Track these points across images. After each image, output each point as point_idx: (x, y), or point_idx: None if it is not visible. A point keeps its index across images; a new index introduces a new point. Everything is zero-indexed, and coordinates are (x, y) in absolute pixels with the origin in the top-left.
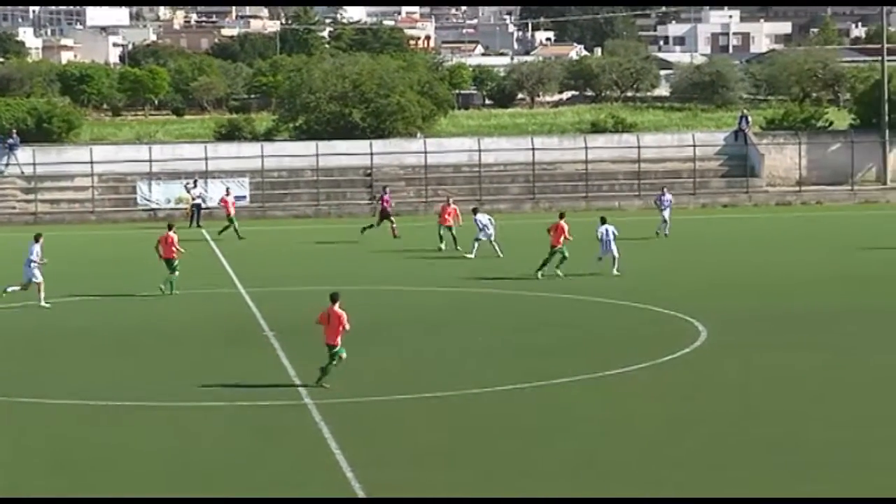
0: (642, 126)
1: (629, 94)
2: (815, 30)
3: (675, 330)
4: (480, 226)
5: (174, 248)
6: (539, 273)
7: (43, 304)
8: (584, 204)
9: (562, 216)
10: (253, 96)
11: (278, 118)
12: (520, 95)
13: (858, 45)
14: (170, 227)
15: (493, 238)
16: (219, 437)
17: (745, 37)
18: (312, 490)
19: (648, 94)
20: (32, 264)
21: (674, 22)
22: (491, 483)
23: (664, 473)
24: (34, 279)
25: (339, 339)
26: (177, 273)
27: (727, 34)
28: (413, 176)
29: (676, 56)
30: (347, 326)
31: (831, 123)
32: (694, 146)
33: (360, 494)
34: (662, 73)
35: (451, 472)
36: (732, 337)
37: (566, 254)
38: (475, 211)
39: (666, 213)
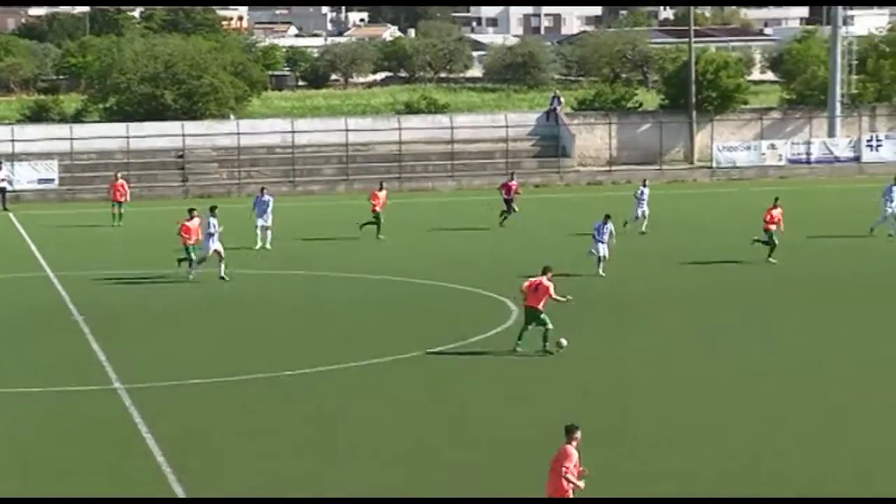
0: (456, 107)
1: (442, 74)
2: (625, 12)
3: (488, 309)
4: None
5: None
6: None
7: (224, 275)
8: (397, 185)
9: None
10: (62, 77)
11: (88, 99)
12: (333, 76)
13: (667, 27)
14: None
15: (267, 224)
16: (28, 422)
17: (557, 18)
18: (124, 475)
19: (462, 75)
20: (211, 237)
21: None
22: (294, 467)
23: (470, 453)
24: (215, 250)
25: (541, 306)
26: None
27: (539, 16)
28: (226, 157)
29: (489, 37)
30: (554, 295)
31: (641, 104)
32: (507, 127)
33: (172, 479)
34: (475, 54)
35: (261, 454)
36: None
37: (775, 240)
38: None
39: (889, 210)
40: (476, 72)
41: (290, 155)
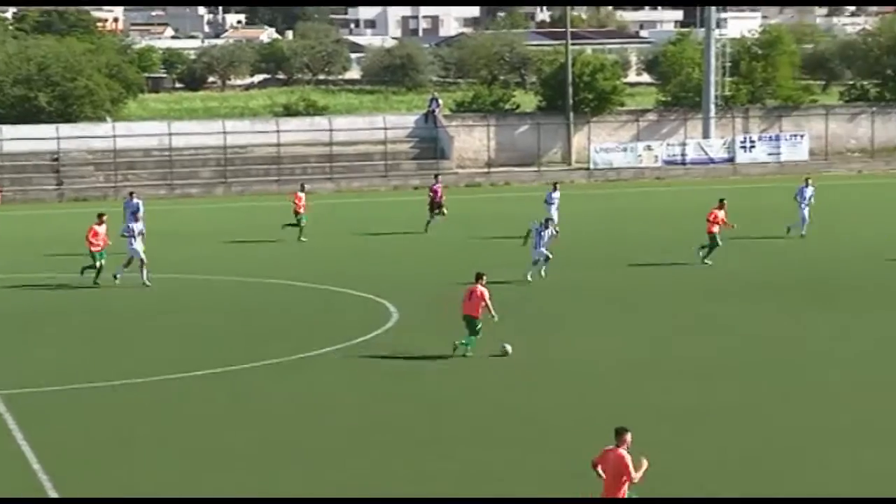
0: (334, 109)
1: (321, 76)
2: (503, 13)
3: (368, 312)
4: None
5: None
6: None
7: (116, 275)
8: (276, 187)
9: (720, 203)
10: None
11: None
12: (211, 79)
13: (544, 29)
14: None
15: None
16: None
17: (435, 20)
18: None
19: (340, 77)
20: (135, 240)
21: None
22: (175, 472)
23: (355, 452)
24: (139, 254)
25: (479, 313)
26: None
27: (417, 17)
28: (102, 160)
29: (367, 39)
30: (489, 303)
31: (518, 106)
32: (385, 129)
33: (48, 485)
34: (354, 56)
35: (141, 460)
36: (422, 318)
37: (718, 242)
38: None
39: (805, 211)
40: (354, 74)
41: (168, 158)
